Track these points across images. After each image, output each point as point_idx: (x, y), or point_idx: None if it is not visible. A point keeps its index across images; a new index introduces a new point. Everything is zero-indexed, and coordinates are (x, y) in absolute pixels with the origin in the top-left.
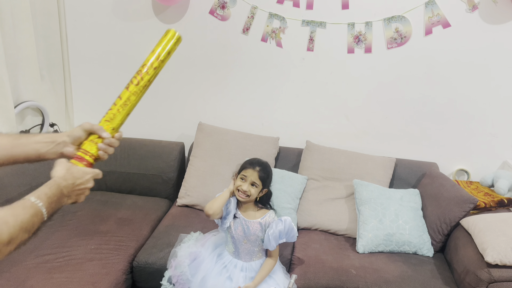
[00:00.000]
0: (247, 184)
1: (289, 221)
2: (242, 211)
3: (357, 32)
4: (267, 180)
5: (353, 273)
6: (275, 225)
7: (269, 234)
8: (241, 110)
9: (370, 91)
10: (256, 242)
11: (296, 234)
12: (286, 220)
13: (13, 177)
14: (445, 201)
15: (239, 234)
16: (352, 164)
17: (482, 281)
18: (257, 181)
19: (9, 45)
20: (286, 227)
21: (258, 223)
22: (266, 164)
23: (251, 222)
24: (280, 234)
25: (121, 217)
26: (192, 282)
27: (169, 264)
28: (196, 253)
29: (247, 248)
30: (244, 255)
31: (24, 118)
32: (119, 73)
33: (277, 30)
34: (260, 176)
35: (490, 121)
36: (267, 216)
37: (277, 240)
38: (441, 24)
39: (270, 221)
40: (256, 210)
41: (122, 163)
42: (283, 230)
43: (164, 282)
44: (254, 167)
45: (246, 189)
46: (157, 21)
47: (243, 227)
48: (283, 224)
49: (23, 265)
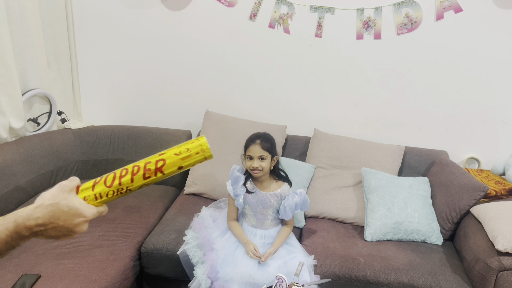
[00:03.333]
0: (256, 160)
1: (303, 193)
2: (259, 185)
3: (366, 17)
4: (272, 148)
5: (361, 261)
6: (291, 198)
7: (285, 205)
8: (248, 98)
9: (379, 78)
10: (272, 212)
11: (308, 203)
12: (302, 193)
13: (21, 165)
14: (455, 189)
15: (256, 206)
16: (361, 152)
17: (492, 269)
18: (263, 153)
19: (16, 33)
20: (301, 199)
21: (274, 194)
22: (265, 133)
23: (268, 194)
24: (296, 206)
25: (129, 205)
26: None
27: (192, 222)
28: (215, 216)
29: (264, 217)
30: (261, 224)
31: (31, 106)
32: (126, 60)
33: (284, 16)
34: (263, 147)
35: (501, 108)
36: (283, 188)
37: (293, 211)
38: (452, 9)
39: (285, 193)
40: (272, 182)
41: (129, 151)
42: (299, 202)
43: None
44: (255, 142)
45: (257, 165)
46: (164, 8)
47: (260, 199)
48: (299, 197)
49: (32, 251)
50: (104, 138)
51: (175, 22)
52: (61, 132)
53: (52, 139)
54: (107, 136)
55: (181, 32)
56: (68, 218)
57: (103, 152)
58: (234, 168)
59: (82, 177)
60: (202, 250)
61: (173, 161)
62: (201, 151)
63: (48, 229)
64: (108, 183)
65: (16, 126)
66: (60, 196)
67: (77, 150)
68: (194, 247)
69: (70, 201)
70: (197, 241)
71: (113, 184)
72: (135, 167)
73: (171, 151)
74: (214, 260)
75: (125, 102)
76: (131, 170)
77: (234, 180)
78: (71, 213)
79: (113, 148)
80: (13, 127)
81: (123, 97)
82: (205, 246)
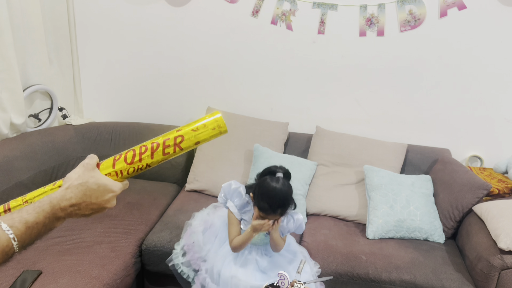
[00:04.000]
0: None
1: (300, 220)
2: None
3: (370, 14)
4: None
5: (363, 259)
6: (286, 221)
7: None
8: (250, 95)
9: (382, 75)
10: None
11: (303, 229)
12: (298, 219)
13: (23, 161)
14: (458, 187)
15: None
16: (363, 150)
17: (495, 267)
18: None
19: (17, 28)
20: (295, 226)
21: None
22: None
23: None
24: (289, 230)
25: (130, 202)
26: (204, 250)
27: (183, 233)
28: (210, 221)
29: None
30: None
31: (33, 102)
32: (127, 56)
33: (287, 13)
34: (282, 215)
35: (504, 106)
36: None
37: (283, 233)
38: (456, 6)
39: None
40: None
41: (130, 147)
42: (292, 228)
43: (177, 249)
44: (276, 212)
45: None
46: (166, 4)
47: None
48: (293, 224)
49: (33, 247)
50: (105, 134)
51: (176, 18)
52: (62, 128)
53: (53, 135)
54: (108, 133)
55: (182, 28)
56: (99, 195)
57: (104, 149)
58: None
59: None
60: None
61: (191, 137)
62: (217, 127)
63: (81, 208)
64: (128, 160)
65: (17, 122)
66: (87, 175)
67: (78, 146)
68: (182, 264)
69: (97, 179)
70: (185, 259)
71: (133, 161)
72: (154, 143)
73: (188, 127)
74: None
75: (126, 98)
76: (150, 146)
77: (242, 206)
78: (101, 190)
79: (114, 145)
80: (14, 123)
81: (124, 93)
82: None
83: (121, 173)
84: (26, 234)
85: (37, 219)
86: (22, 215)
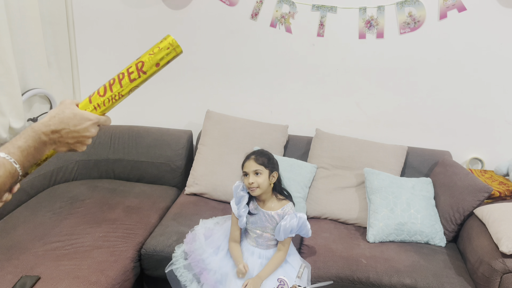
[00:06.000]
0: (251, 175)
1: (303, 218)
2: (261, 204)
3: (369, 16)
4: (269, 162)
5: (364, 263)
6: (289, 219)
7: (280, 225)
8: (249, 98)
9: (382, 77)
10: (273, 232)
11: (309, 231)
12: (301, 217)
13: None
14: (459, 190)
15: (257, 225)
16: (363, 153)
17: (497, 271)
18: (257, 167)
19: (16, 32)
20: (298, 224)
21: (276, 214)
22: (261, 150)
23: (269, 213)
24: (292, 230)
25: (129, 205)
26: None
27: (187, 236)
28: (213, 230)
29: (264, 237)
30: (260, 243)
31: (31, 105)
32: (127, 60)
33: (286, 15)
34: (258, 161)
35: (505, 108)
36: (285, 208)
37: (287, 233)
38: (456, 8)
39: (287, 212)
40: (275, 201)
41: (130, 151)
42: (295, 226)
43: (177, 252)
44: (249, 157)
45: (252, 180)
46: (164, 7)
47: (261, 218)
48: (297, 221)
49: (32, 252)
50: (105, 138)
51: (175, 21)
52: None
53: None
54: (108, 136)
55: (181, 31)
56: (76, 123)
57: (103, 152)
58: (237, 187)
59: (82, 177)
60: (191, 271)
61: (149, 60)
62: (170, 46)
63: (62, 135)
64: (101, 93)
65: (16, 126)
66: (63, 107)
67: None
68: (182, 267)
69: (73, 109)
70: (186, 262)
71: (105, 93)
72: (120, 74)
73: (146, 53)
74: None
75: (125, 101)
76: (117, 78)
77: (238, 199)
78: (78, 118)
79: (113, 148)
80: (13, 127)
81: None
82: (194, 268)
83: (98, 106)
84: (23, 157)
85: (26, 142)
86: (13, 142)
